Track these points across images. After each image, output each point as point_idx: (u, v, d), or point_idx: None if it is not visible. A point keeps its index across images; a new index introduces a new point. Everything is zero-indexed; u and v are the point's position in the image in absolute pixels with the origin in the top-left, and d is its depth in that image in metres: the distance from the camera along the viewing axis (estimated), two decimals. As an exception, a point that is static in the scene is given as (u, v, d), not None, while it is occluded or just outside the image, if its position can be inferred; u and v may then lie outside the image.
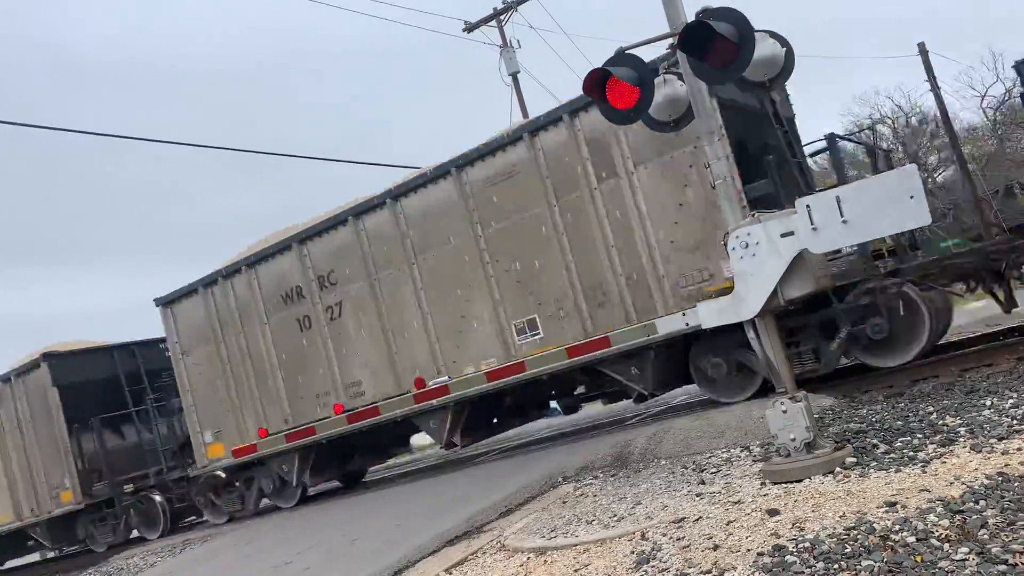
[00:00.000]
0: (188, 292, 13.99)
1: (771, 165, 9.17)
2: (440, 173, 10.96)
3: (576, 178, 9.89)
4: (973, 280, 9.45)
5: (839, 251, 8.55)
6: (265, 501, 14.15)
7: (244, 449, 13.36)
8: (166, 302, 14.32)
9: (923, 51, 27.51)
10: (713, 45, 5.64)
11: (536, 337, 10.37)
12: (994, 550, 3.65)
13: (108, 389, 16.41)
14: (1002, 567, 3.49)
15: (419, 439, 17.92)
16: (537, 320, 10.36)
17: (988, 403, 6.41)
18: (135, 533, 16.24)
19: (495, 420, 12.71)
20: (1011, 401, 6.26)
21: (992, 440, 5.31)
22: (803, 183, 9.53)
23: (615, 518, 6.16)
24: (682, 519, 5.53)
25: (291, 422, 12.76)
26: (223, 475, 14.08)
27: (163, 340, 17.32)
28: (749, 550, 4.55)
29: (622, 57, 6.26)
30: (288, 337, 12.74)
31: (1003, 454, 4.95)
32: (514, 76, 24.77)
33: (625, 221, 9.62)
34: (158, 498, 15.63)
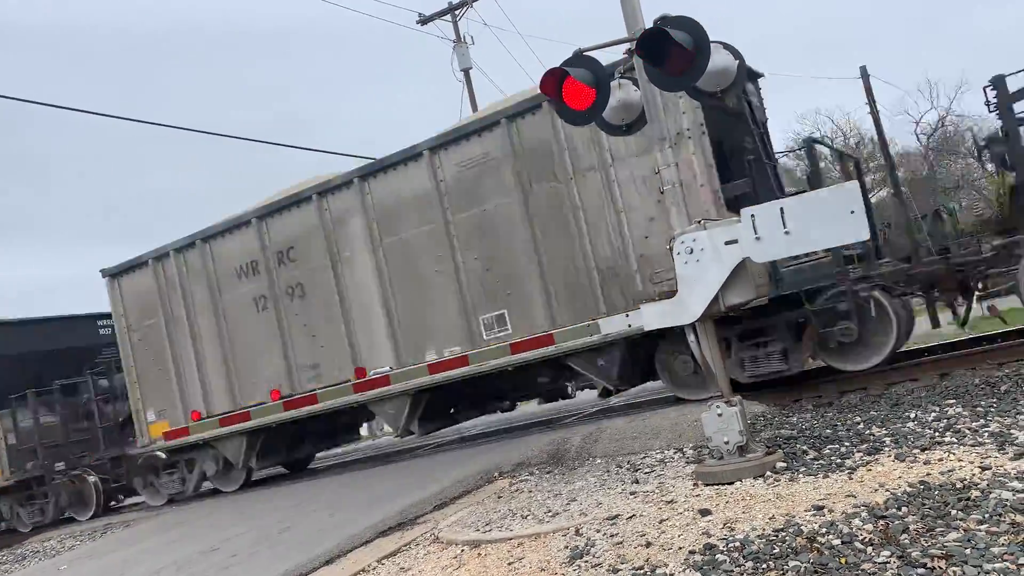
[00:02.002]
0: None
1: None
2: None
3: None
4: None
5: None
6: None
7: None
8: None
9: (864, 74, 28.36)
10: (669, 52, 5.75)
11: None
12: (914, 554, 3.80)
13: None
14: (921, 570, 3.63)
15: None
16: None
17: (912, 415, 6.66)
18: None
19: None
20: (934, 414, 6.52)
21: (915, 450, 5.52)
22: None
23: (550, 513, 6.22)
24: (616, 516, 5.62)
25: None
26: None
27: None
28: (681, 548, 4.65)
29: (579, 58, 6.32)
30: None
31: (925, 464, 5.15)
32: (466, 72, 24.75)
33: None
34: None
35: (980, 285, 9.43)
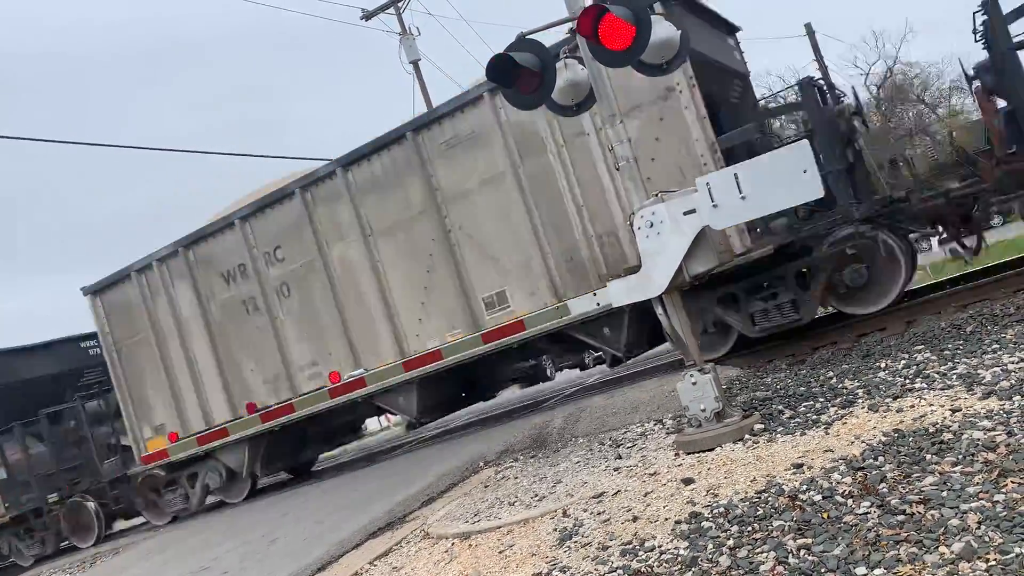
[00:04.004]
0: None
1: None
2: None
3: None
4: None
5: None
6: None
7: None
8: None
9: (810, 32, 28.63)
10: (611, 28, 5.74)
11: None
12: (893, 502, 3.86)
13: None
14: (900, 517, 3.70)
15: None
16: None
17: (883, 365, 6.76)
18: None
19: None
20: (903, 362, 6.62)
21: (887, 399, 5.60)
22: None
23: (537, 498, 6.24)
24: (601, 494, 5.65)
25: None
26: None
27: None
28: (667, 519, 4.69)
29: (523, 42, 6.30)
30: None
31: (898, 412, 5.23)
32: (415, 64, 24.58)
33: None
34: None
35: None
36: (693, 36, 9.11)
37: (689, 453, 5.88)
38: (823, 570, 3.47)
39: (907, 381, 5.95)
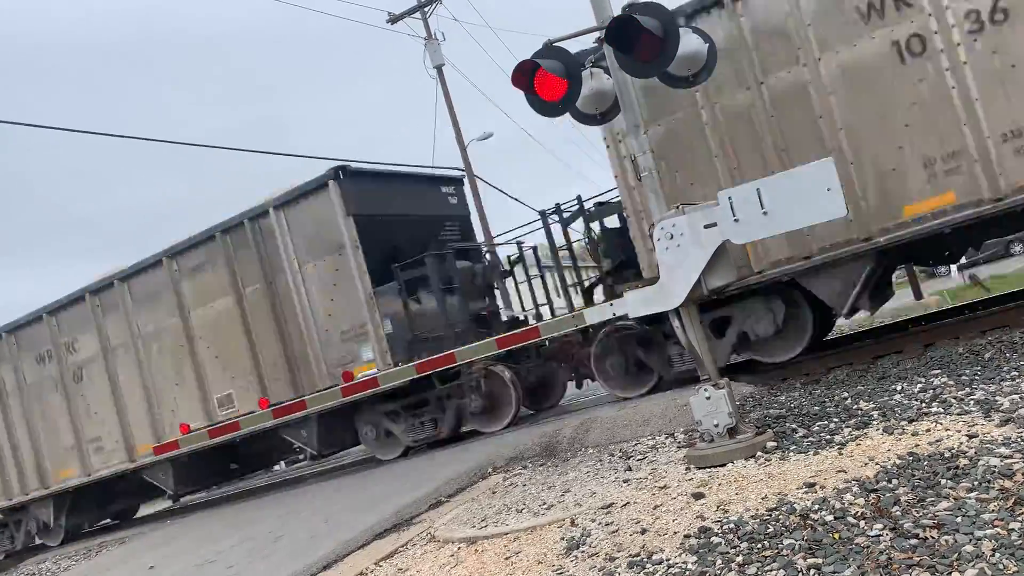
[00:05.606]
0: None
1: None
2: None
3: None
4: None
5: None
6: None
7: None
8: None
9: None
10: (639, 39, 5.75)
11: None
12: (906, 525, 3.82)
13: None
14: (913, 541, 3.66)
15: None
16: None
17: (899, 388, 6.71)
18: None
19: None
20: (919, 385, 6.56)
21: (903, 422, 5.55)
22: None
23: (545, 506, 6.22)
24: (610, 505, 5.63)
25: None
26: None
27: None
28: (676, 533, 4.66)
29: (550, 50, 6.31)
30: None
31: (913, 435, 5.19)
32: (439, 69, 24.68)
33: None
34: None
35: None
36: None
37: (700, 468, 5.85)
38: (833, 591, 3.44)
39: (923, 405, 5.90)
